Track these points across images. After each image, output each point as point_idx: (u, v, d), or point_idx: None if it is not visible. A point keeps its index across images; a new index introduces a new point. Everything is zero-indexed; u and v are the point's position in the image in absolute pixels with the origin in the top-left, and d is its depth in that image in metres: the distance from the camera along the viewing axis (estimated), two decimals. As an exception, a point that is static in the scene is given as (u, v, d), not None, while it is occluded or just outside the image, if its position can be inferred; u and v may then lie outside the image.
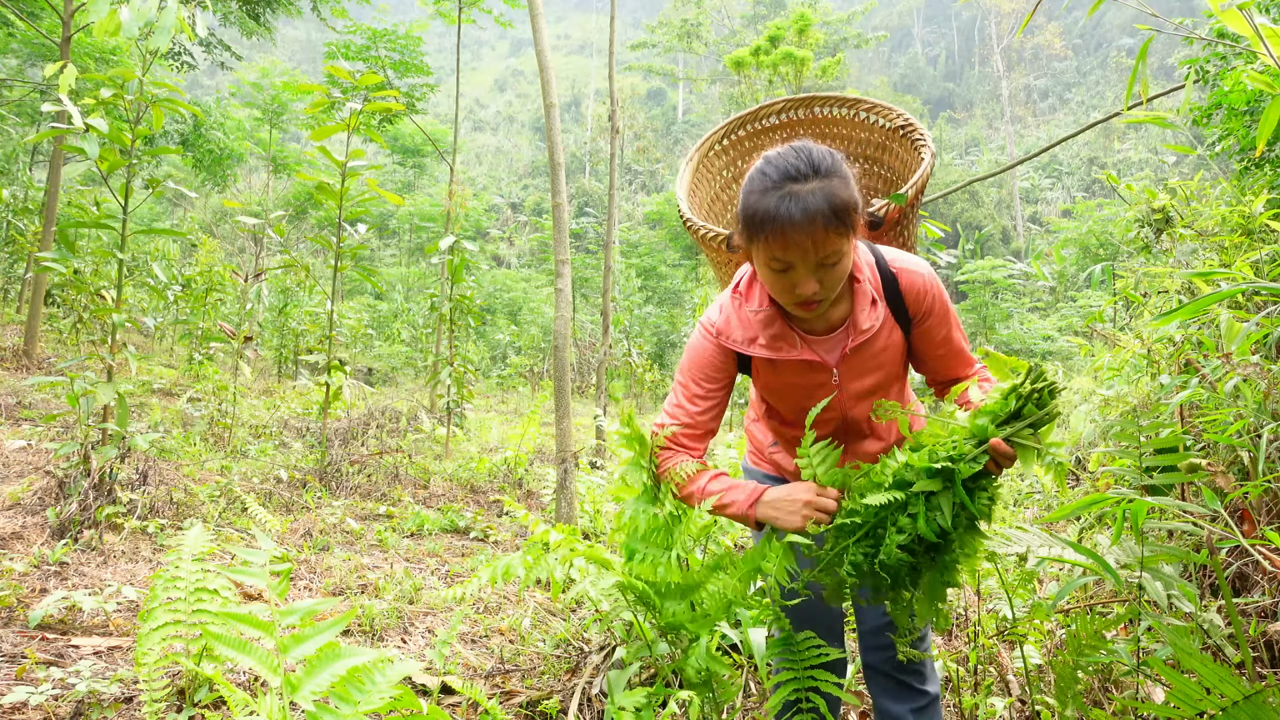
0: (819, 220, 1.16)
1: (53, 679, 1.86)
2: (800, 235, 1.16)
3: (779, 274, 1.23)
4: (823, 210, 1.16)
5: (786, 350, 1.37)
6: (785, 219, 1.16)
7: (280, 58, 20.47)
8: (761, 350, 1.38)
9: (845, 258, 1.21)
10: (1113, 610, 2.08)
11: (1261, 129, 1.35)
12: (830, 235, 1.17)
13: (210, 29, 11.04)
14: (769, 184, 1.20)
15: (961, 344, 1.45)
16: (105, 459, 3.19)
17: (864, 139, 1.80)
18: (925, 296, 1.38)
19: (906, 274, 1.38)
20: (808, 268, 1.21)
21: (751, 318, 1.38)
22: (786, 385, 1.43)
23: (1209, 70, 3.82)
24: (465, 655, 2.37)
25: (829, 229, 1.16)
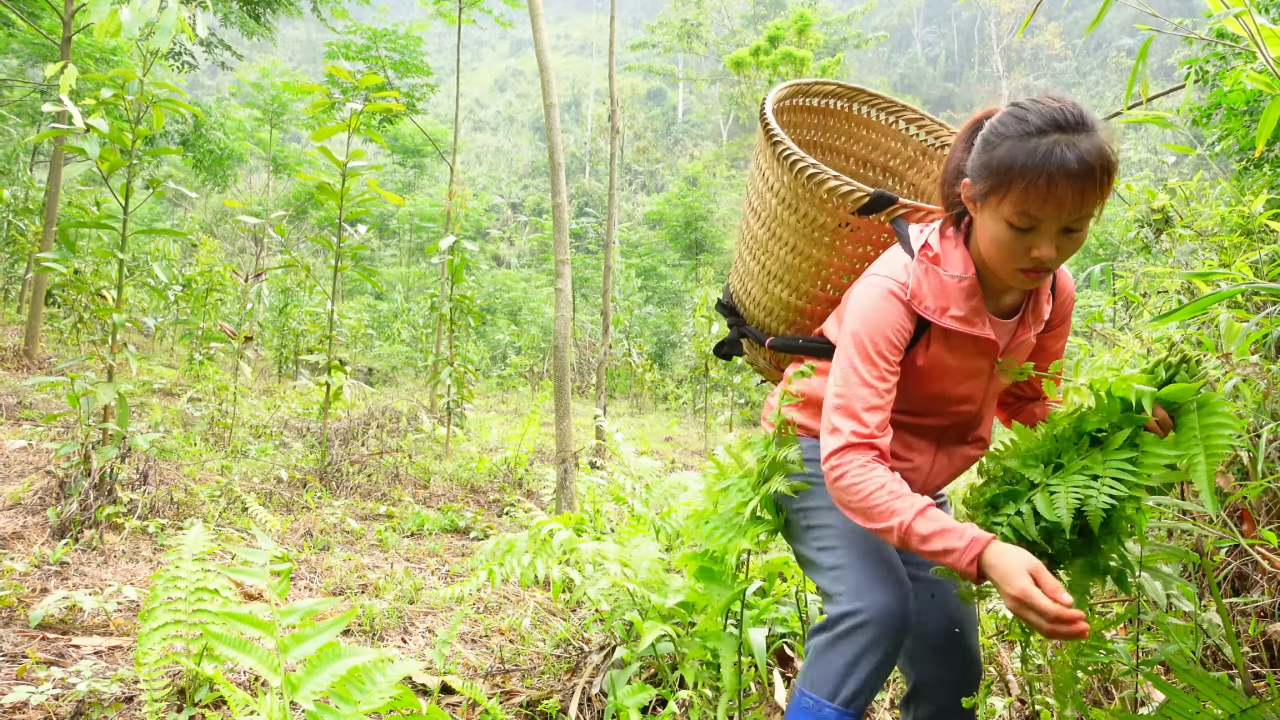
0: (1095, 173, 1.05)
1: (53, 678, 1.86)
2: (1068, 188, 1.05)
3: (1019, 233, 1.11)
4: (1099, 163, 1.05)
5: (979, 326, 1.23)
6: (1057, 167, 1.05)
7: (280, 58, 20.49)
8: (954, 322, 1.22)
9: (1087, 223, 1.11)
10: (1112, 610, 2.08)
11: (1261, 129, 1.35)
12: (1095, 194, 1.07)
13: (211, 29, 11.04)
14: (1031, 129, 1.09)
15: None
16: (106, 459, 3.19)
17: (896, 150, 1.68)
18: (1069, 303, 1.33)
19: (1063, 274, 1.31)
20: (1055, 228, 1.10)
21: (951, 285, 1.22)
22: (946, 367, 1.29)
23: (1209, 70, 3.82)
24: (465, 655, 2.37)
25: (1099, 186, 1.06)
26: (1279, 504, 1.96)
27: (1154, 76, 34.11)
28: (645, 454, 6.00)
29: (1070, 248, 1.12)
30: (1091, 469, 1.13)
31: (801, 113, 1.62)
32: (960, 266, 1.23)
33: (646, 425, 10.27)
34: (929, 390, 1.32)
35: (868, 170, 1.68)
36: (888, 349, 1.22)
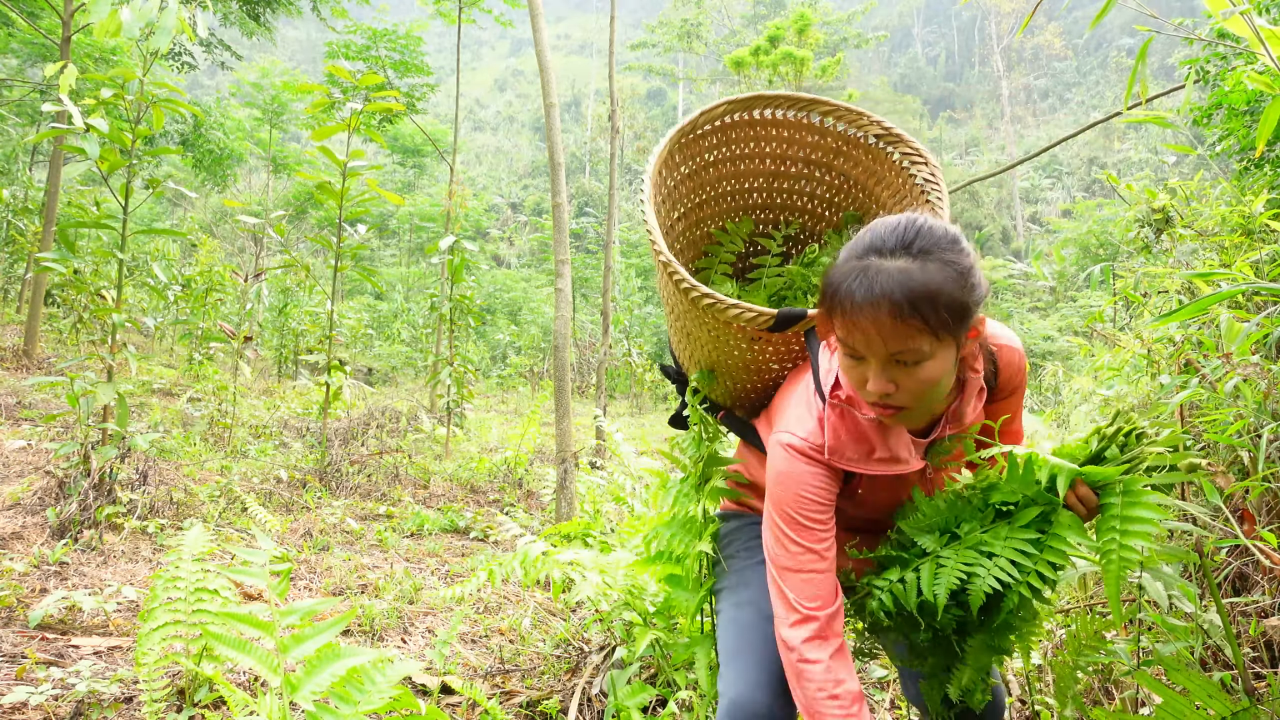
0: (884, 307, 0.95)
1: (53, 679, 1.86)
2: (862, 320, 0.97)
3: (851, 361, 1.04)
4: (890, 295, 0.95)
5: (907, 459, 1.14)
6: (846, 297, 0.98)
7: (280, 58, 20.49)
8: (881, 465, 1.13)
9: (931, 361, 0.99)
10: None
11: (1261, 129, 1.35)
12: (901, 328, 0.96)
13: (211, 29, 11.04)
14: (853, 254, 1.02)
15: (1020, 428, 1.29)
16: (105, 459, 3.19)
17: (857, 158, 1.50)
18: (1017, 375, 1.23)
19: (1007, 351, 1.21)
20: (878, 361, 1.01)
21: (868, 426, 1.12)
22: (879, 498, 1.23)
23: (1209, 70, 3.82)
24: (465, 655, 2.37)
25: (898, 320, 0.95)
26: (1279, 504, 1.96)
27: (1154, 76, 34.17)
28: (645, 454, 6.00)
29: (913, 382, 1.01)
30: (989, 545, 1.05)
31: (696, 143, 1.45)
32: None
33: (646, 425, 10.27)
34: (866, 514, 1.27)
35: (789, 166, 1.52)
36: (816, 511, 1.13)
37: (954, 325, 0.98)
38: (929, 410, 1.11)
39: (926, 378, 1.00)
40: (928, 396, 1.03)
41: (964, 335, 1.02)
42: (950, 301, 0.97)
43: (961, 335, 1.01)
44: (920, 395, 1.02)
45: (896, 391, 1.02)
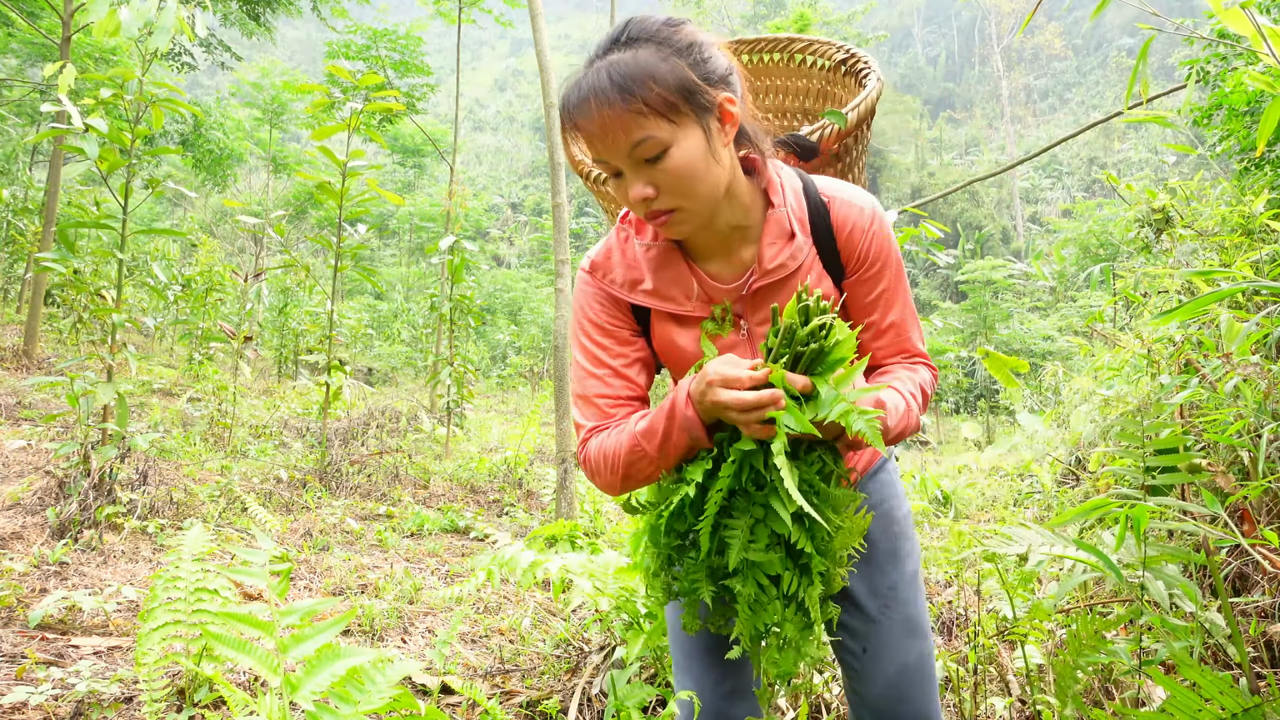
0: (601, 101, 0.90)
1: (53, 679, 1.86)
2: (588, 124, 0.91)
3: (615, 181, 0.97)
4: (601, 87, 0.90)
5: (679, 300, 1.06)
6: (569, 108, 0.93)
7: (280, 58, 20.49)
8: (646, 297, 1.07)
9: (675, 149, 0.92)
10: (1113, 610, 2.08)
11: (1262, 129, 1.35)
12: (623, 117, 0.90)
13: (210, 29, 11.04)
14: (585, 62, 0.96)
15: (905, 321, 1.09)
16: (105, 459, 3.19)
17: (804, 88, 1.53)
18: (863, 236, 1.05)
19: (841, 203, 1.06)
20: (627, 165, 0.94)
21: (641, 254, 1.08)
22: (679, 346, 1.10)
23: (1210, 70, 3.82)
24: (465, 655, 2.37)
25: (617, 109, 0.89)
26: (1279, 504, 1.96)
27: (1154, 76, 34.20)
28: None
29: (669, 179, 0.93)
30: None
31: None
32: (650, 232, 1.08)
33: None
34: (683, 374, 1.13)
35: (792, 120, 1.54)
36: (597, 333, 1.10)
37: (685, 103, 0.92)
38: (707, 216, 0.99)
39: (678, 167, 0.92)
40: (695, 194, 0.95)
41: (709, 117, 0.94)
42: (669, 77, 0.91)
43: (705, 116, 0.94)
44: (683, 190, 0.94)
45: (657, 194, 0.94)
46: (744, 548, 0.89)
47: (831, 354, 0.87)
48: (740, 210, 1.05)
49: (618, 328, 1.11)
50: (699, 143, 0.94)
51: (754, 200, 1.06)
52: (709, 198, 0.97)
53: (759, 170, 1.06)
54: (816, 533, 0.90)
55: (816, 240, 1.07)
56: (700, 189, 0.95)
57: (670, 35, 0.95)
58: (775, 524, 0.89)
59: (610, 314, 1.11)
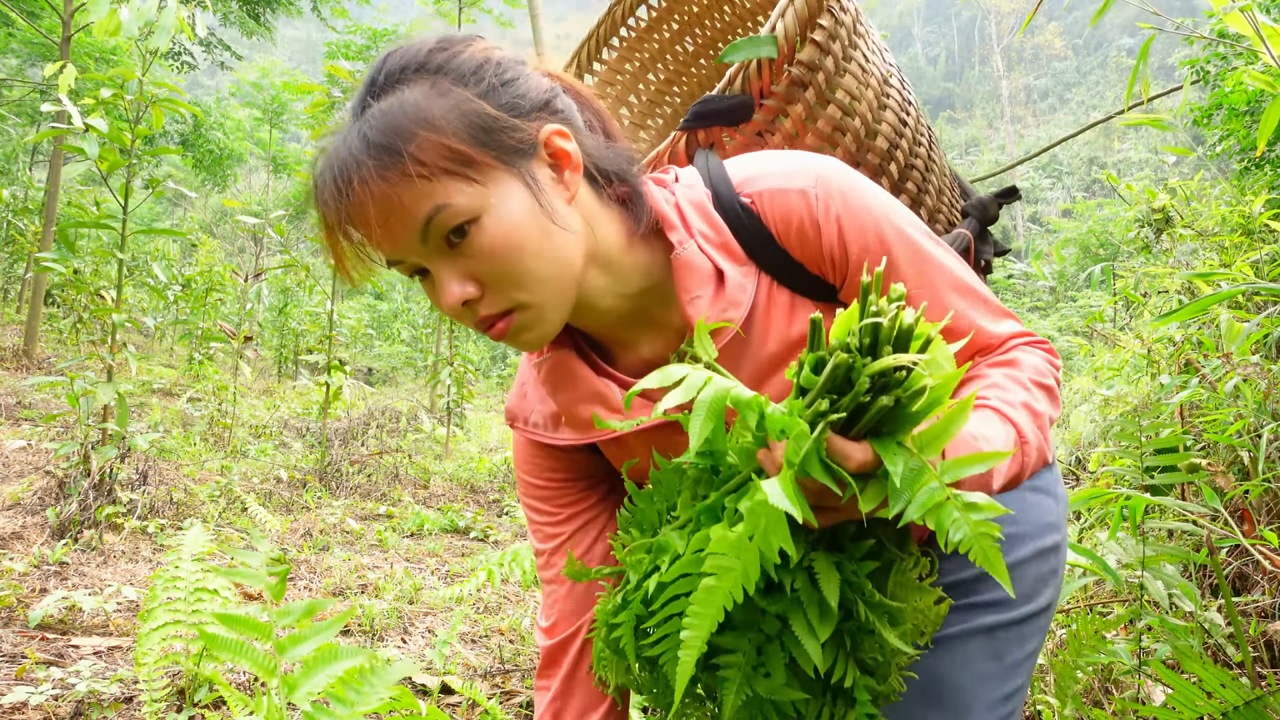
0: (362, 172, 0.61)
1: (53, 679, 1.86)
2: (353, 211, 0.63)
3: (423, 283, 0.69)
4: (358, 155, 0.62)
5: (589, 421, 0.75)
6: (324, 193, 0.65)
7: (280, 58, 20.49)
8: (567, 432, 0.78)
9: (487, 217, 0.63)
10: (1113, 610, 2.08)
11: (1262, 129, 1.35)
12: (397, 189, 0.61)
13: (210, 29, 11.04)
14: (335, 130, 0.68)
15: (950, 303, 0.71)
16: (105, 459, 3.19)
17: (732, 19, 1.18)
18: (819, 229, 0.69)
19: (769, 196, 0.70)
20: (426, 257, 0.65)
21: (550, 373, 0.77)
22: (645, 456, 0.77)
23: (1209, 70, 3.82)
24: (465, 655, 2.37)
25: (387, 178, 0.61)
26: (1279, 504, 1.96)
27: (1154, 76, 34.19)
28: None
29: (490, 261, 0.63)
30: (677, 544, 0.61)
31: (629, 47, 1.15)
32: None
33: (646, 425, 10.28)
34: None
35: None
36: (535, 499, 0.86)
37: (484, 148, 0.63)
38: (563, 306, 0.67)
39: (496, 242, 0.63)
40: (534, 278, 0.64)
41: (529, 161, 0.66)
42: (453, 117, 0.63)
43: (522, 161, 0.65)
44: (514, 276, 0.64)
45: (481, 290, 0.65)
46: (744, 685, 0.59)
47: (915, 405, 0.48)
48: (627, 271, 0.72)
49: (557, 487, 0.84)
50: (522, 201, 0.64)
51: (644, 248, 0.73)
52: (558, 278, 0.66)
53: (634, 203, 0.73)
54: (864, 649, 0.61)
55: (761, 263, 0.71)
56: (540, 268, 0.64)
57: (447, 60, 0.66)
58: (796, 650, 0.58)
59: (546, 469, 0.84)
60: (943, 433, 0.49)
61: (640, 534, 0.66)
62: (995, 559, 0.46)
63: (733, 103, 0.81)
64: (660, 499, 0.67)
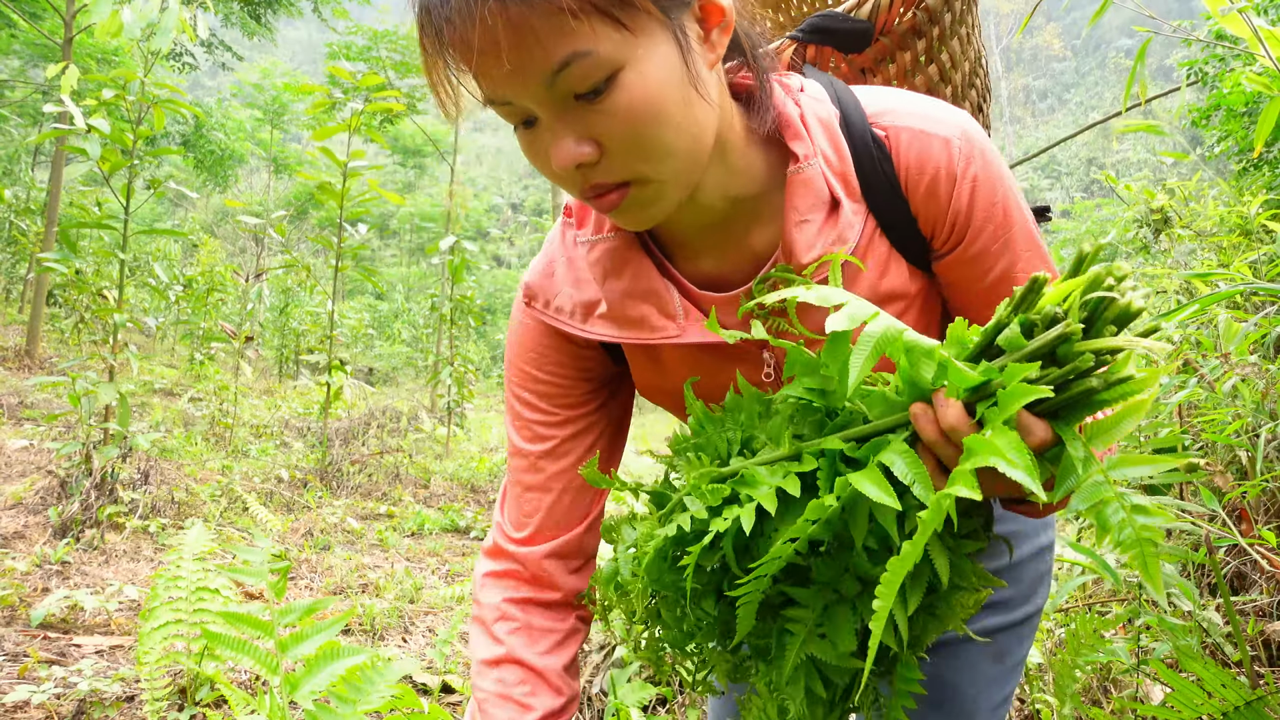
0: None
1: (55, 678, 1.87)
2: (467, 30, 0.51)
3: (523, 131, 0.60)
4: None
5: (652, 323, 0.66)
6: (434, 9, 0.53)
7: (281, 58, 20.52)
8: (604, 325, 0.68)
9: (627, 71, 0.53)
10: (1111, 609, 2.09)
11: (1260, 130, 1.36)
12: (534, 18, 0.50)
13: (212, 30, 11.06)
14: None
15: None
16: (107, 459, 3.20)
17: None
18: (956, 185, 0.62)
19: (910, 136, 0.62)
20: (546, 107, 0.55)
21: (584, 256, 0.69)
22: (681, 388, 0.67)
23: (1208, 72, 3.83)
24: (465, 654, 2.37)
25: (533, 4, 0.50)
26: (1278, 504, 1.96)
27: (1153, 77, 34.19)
28: (645, 453, 6.00)
29: (623, 124, 0.54)
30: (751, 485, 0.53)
31: None
32: (593, 222, 0.69)
33: (646, 424, 10.28)
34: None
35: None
36: (531, 389, 0.75)
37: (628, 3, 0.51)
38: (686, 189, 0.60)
39: (634, 103, 0.53)
40: (668, 152, 0.56)
41: (684, 15, 0.56)
42: None
43: (679, 13, 0.55)
44: (647, 146, 0.55)
45: (600, 155, 0.56)
46: (806, 643, 0.55)
47: (1110, 393, 0.45)
48: (739, 171, 0.64)
49: (560, 384, 0.75)
50: (669, 59, 0.54)
51: (758, 151, 0.65)
52: (690, 157, 0.57)
53: (756, 97, 0.64)
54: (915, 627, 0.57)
55: (873, 203, 0.63)
56: (673, 139, 0.56)
57: None
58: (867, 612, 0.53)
59: (552, 361, 0.74)
60: (1116, 426, 0.47)
61: (708, 461, 0.58)
62: (1154, 568, 0.43)
63: (855, 26, 0.71)
64: (733, 426, 0.59)
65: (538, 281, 0.74)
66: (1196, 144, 6.41)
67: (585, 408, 0.77)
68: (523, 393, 0.76)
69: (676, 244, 0.69)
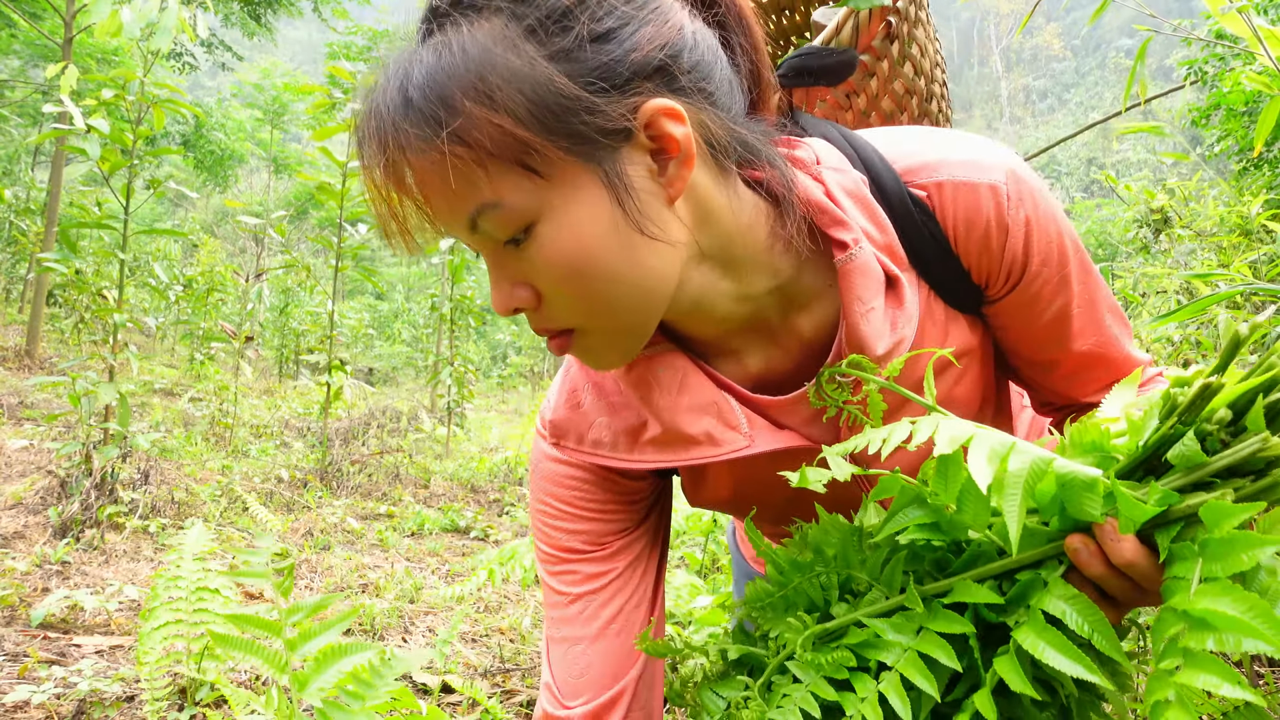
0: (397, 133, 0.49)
1: (55, 678, 1.87)
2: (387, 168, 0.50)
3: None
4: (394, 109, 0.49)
5: (715, 439, 0.60)
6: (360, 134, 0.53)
7: (281, 58, 20.54)
8: (655, 451, 0.62)
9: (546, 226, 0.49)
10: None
11: (1260, 129, 1.36)
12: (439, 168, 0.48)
13: (212, 30, 11.06)
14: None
15: (1111, 335, 0.63)
16: (107, 459, 3.20)
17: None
18: (1009, 235, 0.58)
19: (951, 189, 0.57)
20: (477, 247, 0.53)
21: (620, 379, 0.64)
22: (741, 495, 0.68)
23: (1207, 71, 3.83)
24: (466, 654, 2.37)
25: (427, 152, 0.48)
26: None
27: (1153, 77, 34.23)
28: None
29: (547, 274, 0.51)
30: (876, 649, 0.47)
31: None
32: None
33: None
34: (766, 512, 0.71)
35: None
36: (563, 534, 0.68)
37: (542, 129, 0.47)
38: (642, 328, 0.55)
39: (554, 256, 0.49)
40: (605, 302, 0.51)
41: (621, 154, 0.49)
42: (506, 85, 0.47)
43: (609, 156, 0.49)
44: (577, 299, 0.51)
45: (537, 301, 0.53)
46: None
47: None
48: (766, 270, 0.58)
49: (609, 521, 0.68)
50: (596, 206, 0.49)
51: (785, 248, 0.58)
52: (637, 303, 0.52)
53: (779, 194, 0.57)
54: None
55: (922, 267, 0.59)
56: (611, 291, 0.51)
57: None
58: None
59: (595, 501, 0.67)
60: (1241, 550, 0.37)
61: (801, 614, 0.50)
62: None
63: (840, 59, 0.65)
64: (823, 568, 0.51)
65: (564, 417, 0.66)
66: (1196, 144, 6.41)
67: (636, 531, 0.70)
68: (560, 536, 0.68)
69: (715, 348, 0.62)
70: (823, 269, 0.59)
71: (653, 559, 0.71)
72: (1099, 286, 0.62)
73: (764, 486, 0.64)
